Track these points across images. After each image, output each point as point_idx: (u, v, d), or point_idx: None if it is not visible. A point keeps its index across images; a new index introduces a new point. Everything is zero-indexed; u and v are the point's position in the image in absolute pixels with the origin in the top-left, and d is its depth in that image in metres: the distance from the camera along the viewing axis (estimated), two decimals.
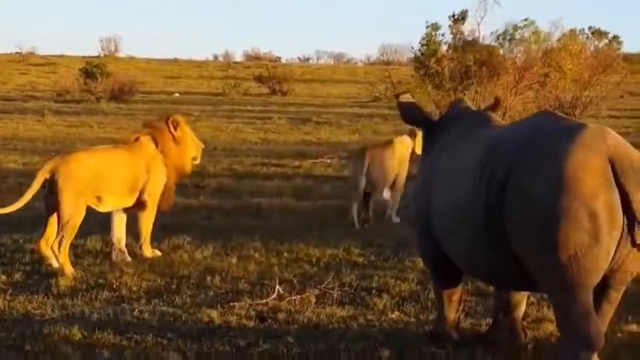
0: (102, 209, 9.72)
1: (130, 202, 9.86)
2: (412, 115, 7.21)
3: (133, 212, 9.97)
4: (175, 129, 10.20)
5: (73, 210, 9.24)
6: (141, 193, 9.87)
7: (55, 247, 9.15)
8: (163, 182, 10.07)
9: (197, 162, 10.73)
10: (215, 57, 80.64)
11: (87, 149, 10.30)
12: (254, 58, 75.50)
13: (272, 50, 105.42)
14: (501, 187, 5.81)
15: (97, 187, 9.48)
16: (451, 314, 6.89)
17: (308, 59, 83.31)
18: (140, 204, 9.91)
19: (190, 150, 10.43)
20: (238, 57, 79.67)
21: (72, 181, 9.25)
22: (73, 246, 9.53)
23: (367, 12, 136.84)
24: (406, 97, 7.34)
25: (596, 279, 5.66)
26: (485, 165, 5.97)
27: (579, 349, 5.68)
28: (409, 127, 11.12)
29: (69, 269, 9.05)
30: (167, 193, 10.16)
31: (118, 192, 9.71)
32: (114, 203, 9.76)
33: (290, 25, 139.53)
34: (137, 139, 10.08)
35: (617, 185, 5.51)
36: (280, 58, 78.44)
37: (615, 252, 5.62)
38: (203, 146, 10.70)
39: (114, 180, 9.63)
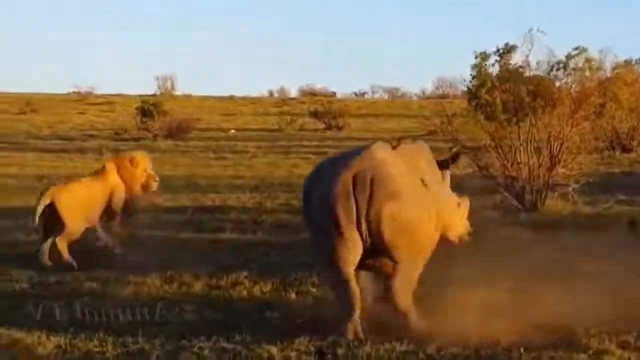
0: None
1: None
2: None
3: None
4: (132, 165, 12.58)
5: (74, 229, 11.65)
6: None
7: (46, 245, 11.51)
8: (120, 204, 12.31)
9: (153, 189, 12.89)
10: (271, 94, 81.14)
11: (77, 181, 12.40)
12: (309, 94, 75.74)
13: (327, 85, 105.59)
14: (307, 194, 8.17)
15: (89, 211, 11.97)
16: None
17: (363, 94, 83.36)
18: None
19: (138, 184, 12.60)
20: (293, 93, 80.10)
21: (72, 206, 11.65)
22: (135, 284, 9.72)
23: (422, 45, 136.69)
24: None
25: (350, 258, 7.76)
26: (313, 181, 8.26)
27: (342, 312, 7.84)
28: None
29: (66, 256, 11.39)
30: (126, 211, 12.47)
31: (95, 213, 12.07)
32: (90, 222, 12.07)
33: (345, 60, 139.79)
34: (103, 168, 12.52)
35: (353, 193, 7.75)
36: (335, 93, 78.65)
37: (363, 242, 7.78)
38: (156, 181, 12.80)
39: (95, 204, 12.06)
